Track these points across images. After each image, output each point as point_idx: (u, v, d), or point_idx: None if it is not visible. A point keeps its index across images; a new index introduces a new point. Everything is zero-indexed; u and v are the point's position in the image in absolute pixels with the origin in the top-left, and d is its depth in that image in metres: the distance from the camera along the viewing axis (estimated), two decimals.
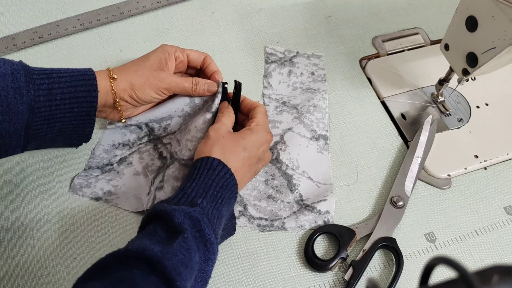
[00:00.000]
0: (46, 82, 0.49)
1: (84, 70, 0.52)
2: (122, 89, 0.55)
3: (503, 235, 0.58)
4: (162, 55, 0.57)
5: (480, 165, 0.63)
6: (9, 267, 0.52)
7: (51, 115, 0.50)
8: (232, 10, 0.77)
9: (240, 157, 0.52)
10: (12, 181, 0.57)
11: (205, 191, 0.47)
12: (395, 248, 0.55)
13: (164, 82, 0.56)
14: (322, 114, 0.66)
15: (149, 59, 0.57)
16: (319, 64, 0.71)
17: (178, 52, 0.58)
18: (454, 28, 0.57)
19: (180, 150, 0.58)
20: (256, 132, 0.54)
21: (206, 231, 0.44)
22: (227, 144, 0.52)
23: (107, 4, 0.74)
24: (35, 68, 0.50)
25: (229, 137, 0.53)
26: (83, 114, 0.52)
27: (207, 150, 0.51)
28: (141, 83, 0.55)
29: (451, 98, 0.69)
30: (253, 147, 0.53)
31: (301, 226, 0.57)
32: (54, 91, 0.49)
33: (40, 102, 0.49)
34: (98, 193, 0.57)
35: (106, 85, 0.54)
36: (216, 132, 0.53)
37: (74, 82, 0.51)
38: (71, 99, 0.50)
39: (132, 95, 0.55)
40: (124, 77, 0.55)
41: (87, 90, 0.51)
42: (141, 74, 0.55)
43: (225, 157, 0.50)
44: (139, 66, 0.56)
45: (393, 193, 0.59)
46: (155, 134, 0.61)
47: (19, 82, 0.47)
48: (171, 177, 0.56)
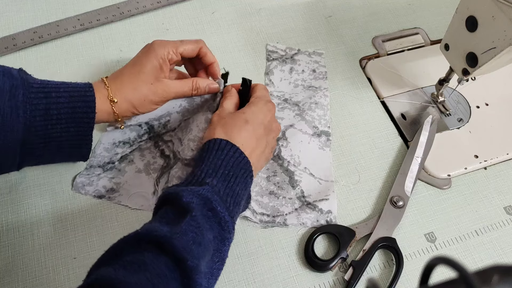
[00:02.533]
0: (44, 102, 0.49)
1: (84, 90, 0.52)
2: (124, 109, 0.55)
3: (503, 235, 0.58)
4: (156, 62, 0.56)
5: (480, 165, 0.63)
6: (9, 267, 0.52)
7: (47, 134, 0.50)
8: (232, 10, 0.77)
9: (243, 130, 0.52)
10: (12, 181, 0.57)
11: (215, 171, 0.47)
12: (395, 248, 0.55)
13: (163, 95, 0.57)
14: (323, 111, 0.66)
15: (144, 72, 0.56)
16: (320, 62, 0.71)
17: (170, 54, 0.57)
18: (454, 28, 0.57)
19: (182, 150, 0.58)
20: (255, 104, 0.55)
21: (218, 209, 0.44)
22: (228, 122, 0.52)
23: (107, 4, 0.74)
24: (34, 84, 0.49)
25: (230, 116, 0.53)
26: (80, 133, 0.52)
27: (211, 133, 0.52)
28: (142, 100, 0.56)
29: (451, 98, 0.69)
30: (254, 118, 0.53)
31: (303, 223, 0.57)
32: (51, 112, 0.49)
33: (36, 122, 0.48)
34: (100, 191, 0.57)
35: (107, 107, 0.54)
36: (217, 116, 0.54)
37: (72, 103, 0.50)
38: (68, 119, 0.50)
39: (134, 111, 0.56)
40: (124, 98, 0.55)
41: (84, 112, 0.51)
42: (139, 92, 0.55)
43: (228, 134, 0.51)
44: (136, 81, 0.55)
45: (393, 193, 0.59)
46: (155, 131, 0.62)
47: (16, 101, 0.47)
48: (174, 177, 0.56)
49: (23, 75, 0.50)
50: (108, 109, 0.54)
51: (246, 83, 0.59)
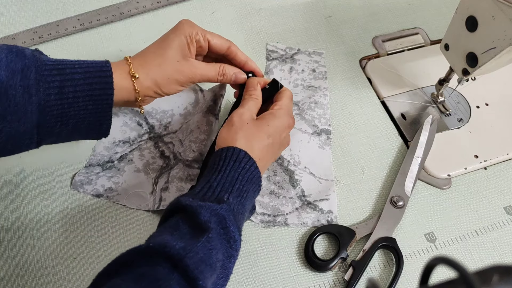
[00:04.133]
0: (58, 79, 0.46)
1: (100, 65, 0.48)
2: (146, 87, 0.51)
3: (503, 235, 0.58)
4: (183, 39, 0.53)
5: (480, 165, 0.63)
6: (9, 267, 0.52)
7: (63, 113, 0.47)
8: (232, 10, 0.77)
9: (264, 145, 0.50)
10: (12, 181, 0.57)
11: (231, 185, 0.46)
12: (395, 248, 0.55)
13: (189, 75, 0.53)
14: (323, 110, 0.66)
15: (171, 47, 0.53)
16: (320, 61, 0.71)
17: (199, 36, 0.54)
18: (454, 28, 0.57)
19: (184, 151, 0.59)
20: (278, 117, 0.52)
21: (231, 229, 0.43)
22: (251, 132, 0.50)
23: (107, 4, 0.74)
24: (47, 62, 0.46)
25: (253, 124, 0.51)
26: (98, 111, 0.49)
27: (230, 137, 0.49)
28: (166, 79, 0.52)
29: (451, 98, 0.69)
30: (276, 134, 0.51)
31: (303, 223, 0.57)
32: (66, 89, 0.46)
33: (51, 101, 0.45)
34: (99, 190, 0.57)
35: (128, 84, 0.50)
36: (239, 117, 0.51)
37: (88, 80, 0.47)
38: (85, 97, 0.47)
39: (157, 91, 0.52)
40: (147, 74, 0.51)
41: (101, 88, 0.48)
42: (164, 70, 0.52)
43: (249, 146, 0.49)
44: (162, 58, 0.52)
45: (393, 193, 0.59)
46: (156, 132, 0.62)
47: (28, 80, 0.44)
48: (175, 177, 0.56)
49: (37, 54, 0.47)
50: (128, 86, 0.50)
51: (276, 87, 0.55)
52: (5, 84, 0.43)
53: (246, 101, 0.53)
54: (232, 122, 0.51)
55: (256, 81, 0.55)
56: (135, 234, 0.55)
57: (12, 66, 0.44)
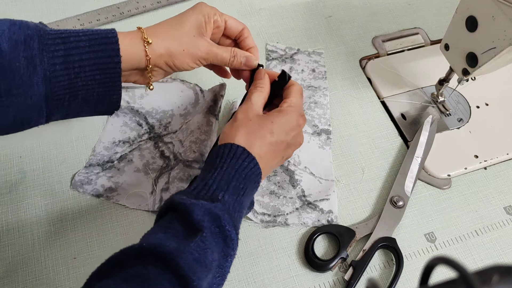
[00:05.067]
0: (62, 48, 0.44)
1: (105, 32, 0.46)
2: (158, 55, 0.49)
3: (503, 235, 0.58)
4: (201, 17, 0.52)
5: (480, 165, 0.63)
6: (9, 267, 0.52)
7: (71, 84, 0.45)
8: (232, 10, 0.77)
9: (266, 142, 0.48)
10: (12, 181, 0.57)
11: (227, 183, 0.44)
12: (395, 248, 0.55)
13: (204, 51, 0.51)
14: (323, 110, 0.66)
15: (188, 21, 0.51)
16: (320, 61, 0.71)
17: (217, 16, 0.53)
18: (454, 28, 0.57)
19: (184, 152, 0.59)
20: (286, 114, 0.50)
21: (227, 228, 0.42)
22: (253, 128, 0.48)
23: (107, 4, 0.74)
24: (51, 32, 0.44)
25: (256, 120, 0.49)
26: (107, 81, 0.47)
27: (231, 134, 0.48)
28: (180, 50, 0.50)
29: (451, 98, 0.69)
30: (281, 131, 0.49)
31: (304, 223, 0.57)
32: (71, 58, 0.44)
33: (56, 71, 0.44)
34: (99, 190, 0.57)
35: (139, 49, 0.48)
36: (243, 113, 0.50)
37: (94, 47, 0.45)
38: (92, 66, 0.45)
39: (169, 62, 0.50)
40: (161, 42, 0.49)
41: (108, 56, 0.46)
42: (179, 41, 0.50)
43: (249, 142, 0.47)
44: (178, 30, 0.51)
45: (393, 193, 0.59)
46: (156, 132, 0.62)
47: (32, 51, 0.42)
48: (175, 178, 0.56)
49: (40, 25, 0.45)
50: (139, 52, 0.48)
51: (284, 78, 0.53)
52: (8, 57, 0.41)
53: (251, 93, 0.52)
54: (235, 117, 0.50)
55: (263, 72, 0.53)
56: (135, 234, 0.55)
57: (14, 37, 0.42)
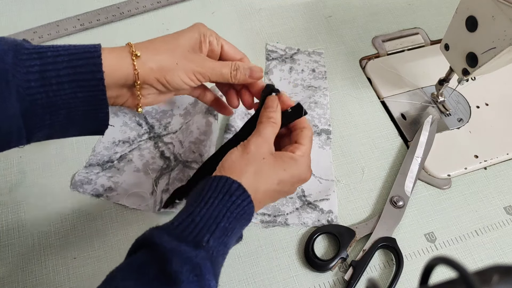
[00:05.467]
0: (38, 63, 0.40)
1: (87, 47, 0.42)
2: (148, 69, 0.44)
3: (503, 235, 0.58)
4: (197, 35, 0.48)
5: (480, 165, 0.63)
6: (9, 267, 0.52)
7: (50, 102, 0.41)
8: (232, 10, 0.77)
9: (271, 190, 0.45)
10: (12, 181, 0.57)
11: (216, 223, 0.40)
12: (395, 248, 0.55)
13: (200, 65, 0.47)
14: (323, 110, 0.66)
15: (182, 37, 0.48)
16: (320, 61, 0.71)
17: (213, 37, 0.49)
18: (454, 28, 0.57)
19: (184, 153, 0.59)
20: (299, 166, 0.46)
21: (206, 277, 0.38)
22: (264, 170, 0.44)
23: (107, 4, 0.74)
24: (28, 47, 0.41)
25: (269, 161, 0.45)
26: (90, 100, 0.43)
27: (239, 167, 0.44)
28: (173, 63, 0.45)
29: (451, 98, 0.69)
30: (288, 183, 0.46)
31: (304, 223, 0.57)
32: (47, 74, 0.40)
33: (31, 88, 0.40)
34: (99, 190, 0.57)
35: (126, 63, 0.43)
36: (257, 148, 0.45)
37: (73, 62, 0.41)
38: (71, 83, 0.41)
39: (160, 78, 0.45)
40: (152, 56, 0.45)
41: (89, 71, 0.41)
42: (172, 54, 0.46)
43: (255, 185, 0.43)
44: (170, 44, 0.47)
45: (393, 193, 0.59)
46: (155, 132, 0.62)
47: (4, 65, 0.39)
48: (175, 179, 0.56)
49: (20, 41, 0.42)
50: (126, 66, 0.43)
51: (300, 113, 0.49)
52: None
53: (263, 126, 0.47)
54: (248, 149, 0.45)
55: (276, 102, 0.49)
56: (135, 234, 0.54)
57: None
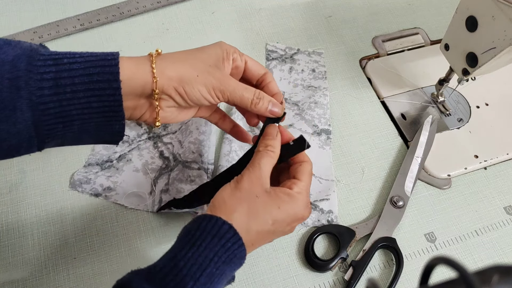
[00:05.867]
0: (53, 70, 0.38)
1: (105, 54, 0.40)
2: (167, 78, 0.42)
3: (503, 235, 0.58)
4: (220, 52, 0.46)
5: (480, 165, 0.63)
6: (9, 267, 0.52)
7: (63, 111, 0.39)
8: (232, 10, 0.77)
9: (265, 230, 0.42)
10: (12, 181, 0.57)
11: (201, 269, 0.37)
12: (395, 248, 0.55)
13: (221, 83, 0.44)
14: (323, 110, 0.66)
15: (205, 52, 0.45)
16: (320, 61, 0.71)
17: (236, 54, 0.47)
18: (454, 28, 0.57)
19: (183, 153, 0.59)
20: (295, 203, 0.43)
21: None
22: (256, 208, 0.41)
23: (107, 4, 0.74)
24: (44, 52, 0.39)
25: (263, 199, 0.42)
26: (105, 110, 0.40)
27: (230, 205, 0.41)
28: (194, 75, 0.43)
29: (451, 98, 0.69)
30: (283, 222, 0.43)
31: (304, 223, 0.57)
32: (62, 82, 0.38)
33: (45, 97, 0.38)
34: (97, 189, 0.57)
35: (145, 71, 0.41)
36: (251, 185, 0.42)
37: (89, 70, 0.39)
38: (86, 92, 0.39)
39: (179, 88, 0.43)
40: (172, 64, 0.43)
41: (105, 80, 0.39)
42: (193, 66, 0.43)
43: (247, 226, 0.41)
44: (193, 57, 0.44)
45: (393, 193, 0.59)
46: (155, 132, 0.62)
47: (17, 71, 0.37)
48: (175, 179, 0.56)
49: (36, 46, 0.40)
50: (144, 75, 0.41)
51: (302, 146, 0.45)
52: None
53: (260, 156, 0.44)
54: (241, 186, 0.42)
55: (276, 131, 0.46)
56: (135, 234, 0.55)
57: (2, 57, 0.38)
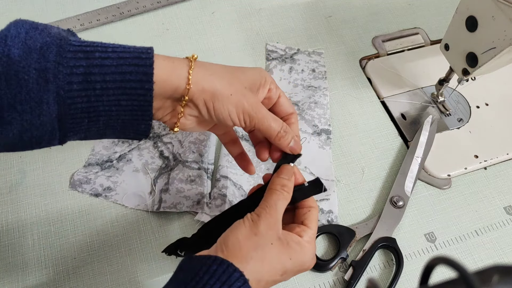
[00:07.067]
0: (84, 64, 0.37)
1: (139, 51, 0.39)
2: (201, 89, 0.40)
3: (503, 235, 0.58)
4: (259, 77, 0.45)
5: (480, 165, 0.63)
6: (9, 267, 0.52)
7: (90, 107, 0.38)
8: (232, 10, 0.77)
9: (274, 280, 0.40)
10: (12, 181, 0.57)
11: None
12: (395, 248, 0.55)
13: (252, 108, 0.42)
14: (323, 110, 0.66)
15: (245, 73, 0.44)
16: (320, 61, 0.71)
17: (273, 86, 0.46)
18: (454, 28, 0.57)
19: (183, 152, 0.59)
20: (305, 254, 0.42)
21: None
22: (270, 257, 0.39)
23: (107, 4, 0.74)
24: (74, 43, 0.37)
25: (277, 247, 0.40)
26: (134, 109, 0.39)
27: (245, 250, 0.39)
28: (228, 94, 0.41)
29: (451, 98, 0.69)
30: (291, 273, 0.42)
31: None
32: (93, 78, 0.37)
33: (73, 91, 0.36)
34: (97, 190, 0.57)
35: (180, 75, 0.40)
36: (268, 230, 0.40)
37: (122, 67, 0.38)
38: (116, 90, 0.38)
39: (208, 103, 0.41)
40: (209, 77, 0.41)
41: (138, 80, 0.38)
42: (229, 83, 0.42)
43: (260, 274, 0.39)
44: (231, 75, 0.43)
45: (393, 193, 0.59)
46: (155, 132, 0.62)
47: (46, 62, 0.35)
48: (175, 179, 0.56)
49: (65, 33, 0.38)
50: (179, 80, 0.40)
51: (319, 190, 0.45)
52: (17, 66, 0.35)
53: (276, 198, 0.42)
54: (258, 230, 0.40)
55: (292, 172, 0.44)
56: (135, 234, 0.55)
57: (29, 43, 0.36)
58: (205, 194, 0.56)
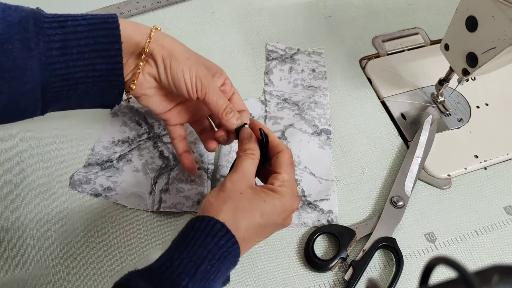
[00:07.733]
0: (60, 32, 0.41)
1: (106, 16, 0.44)
2: (160, 46, 0.45)
3: (503, 235, 0.58)
4: (216, 67, 0.51)
5: (480, 165, 0.63)
6: (9, 267, 0.52)
7: (69, 73, 0.42)
8: (232, 10, 0.77)
9: (254, 224, 0.42)
10: (12, 181, 0.57)
11: (196, 266, 0.38)
12: (395, 248, 0.55)
13: (205, 76, 0.47)
14: (323, 110, 0.66)
15: (204, 58, 0.50)
16: (320, 61, 0.71)
17: (229, 81, 0.51)
18: (454, 28, 0.57)
19: None
20: (281, 196, 0.44)
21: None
22: (242, 204, 0.42)
23: (107, 4, 0.74)
24: (47, 15, 0.42)
25: (248, 195, 0.43)
26: (108, 73, 0.44)
27: (216, 206, 0.42)
28: (184, 57, 0.46)
29: (451, 98, 0.69)
30: (272, 214, 0.43)
31: (304, 223, 0.57)
32: (69, 43, 0.42)
33: (53, 57, 0.41)
34: (97, 189, 0.57)
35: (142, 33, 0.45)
36: (233, 184, 0.43)
37: (93, 32, 0.42)
38: (91, 53, 0.43)
39: (166, 61, 0.46)
40: (170, 39, 0.47)
41: (109, 42, 0.43)
42: (189, 53, 0.47)
43: (235, 221, 0.41)
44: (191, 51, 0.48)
45: (393, 193, 0.59)
46: (155, 132, 0.62)
47: (26, 33, 0.40)
48: (175, 179, 0.56)
49: (36, 10, 0.43)
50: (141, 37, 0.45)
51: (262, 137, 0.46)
52: (1, 38, 0.39)
53: (240, 160, 0.45)
54: (223, 187, 0.43)
55: (250, 132, 0.47)
56: (135, 234, 0.55)
57: (8, 19, 0.40)
58: (205, 194, 0.56)
